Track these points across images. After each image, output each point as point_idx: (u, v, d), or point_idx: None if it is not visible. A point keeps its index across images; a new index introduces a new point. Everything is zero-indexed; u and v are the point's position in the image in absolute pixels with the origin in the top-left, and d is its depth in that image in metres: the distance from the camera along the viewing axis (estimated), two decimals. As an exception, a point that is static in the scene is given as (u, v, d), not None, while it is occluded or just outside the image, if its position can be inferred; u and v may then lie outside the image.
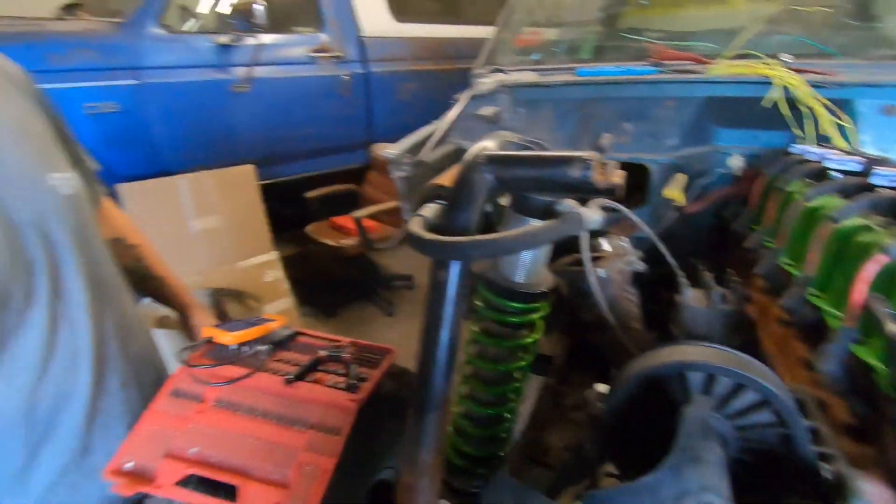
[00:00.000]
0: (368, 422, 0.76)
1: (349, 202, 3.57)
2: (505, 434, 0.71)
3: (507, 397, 0.66)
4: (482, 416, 0.67)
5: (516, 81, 1.21)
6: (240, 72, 2.32)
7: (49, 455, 0.71)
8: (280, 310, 2.22)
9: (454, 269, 0.45)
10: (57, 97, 0.79)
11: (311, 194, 2.82)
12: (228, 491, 0.67)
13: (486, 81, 1.19)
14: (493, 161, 0.44)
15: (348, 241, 2.56)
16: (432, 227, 0.44)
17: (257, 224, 2.30)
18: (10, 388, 0.65)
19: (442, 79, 3.15)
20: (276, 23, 2.30)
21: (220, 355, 0.83)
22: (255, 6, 2.06)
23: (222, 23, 2.28)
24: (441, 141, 1.04)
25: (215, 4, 2.30)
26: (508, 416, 0.69)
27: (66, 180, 0.69)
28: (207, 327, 0.86)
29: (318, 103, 2.63)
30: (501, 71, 1.26)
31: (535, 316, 0.60)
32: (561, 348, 1.08)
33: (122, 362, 0.78)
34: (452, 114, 1.12)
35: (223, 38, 2.24)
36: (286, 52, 2.48)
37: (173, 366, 0.95)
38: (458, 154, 1.10)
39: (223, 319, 1.82)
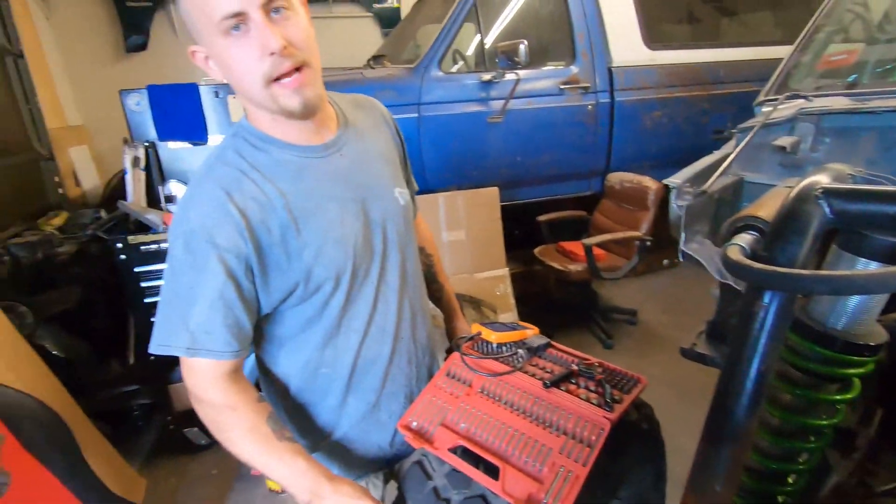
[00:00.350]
0: (613, 444, 0.77)
1: (578, 228, 3.60)
2: (782, 498, 0.63)
3: (794, 456, 0.59)
4: (760, 468, 0.61)
5: (824, 108, 1.05)
6: (496, 104, 2.58)
7: (354, 402, 0.91)
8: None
9: (776, 302, 0.43)
10: None
11: (542, 218, 2.94)
12: (488, 468, 0.77)
13: (783, 108, 1.07)
14: (832, 193, 0.42)
15: (575, 267, 2.58)
16: (751, 256, 0.44)
17: (495, 241, 2.51)
18: (347, 344, 0.86)
19: (694, 105, 2.95)
20: (533, 59, 2.48)
21: (485, 350, 0.95)
22: (520, 46, 2.27)
23: (488, 61, 2.58)
24: (724, 172, 0.98)
25: (482, 47, 2.62)
26: (792, 479, 0.61)
27: (403, 194, 0.90)
28: (476, 324, 0.99)
29: (561, 132, 2.74)
30: (801, 97, 1.12)
31: (852, 371, 0.52)
32: (871, 419, 0.89)
33: (410, 344, 0.95)
34: (729, 145, 1.02)
35: (486, 76, 2.53)
36: (538, 84, 2.66)
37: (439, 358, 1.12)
38: (740, 186, 1.02)
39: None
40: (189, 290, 0.71)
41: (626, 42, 2.80)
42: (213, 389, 0.75)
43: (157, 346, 0.73)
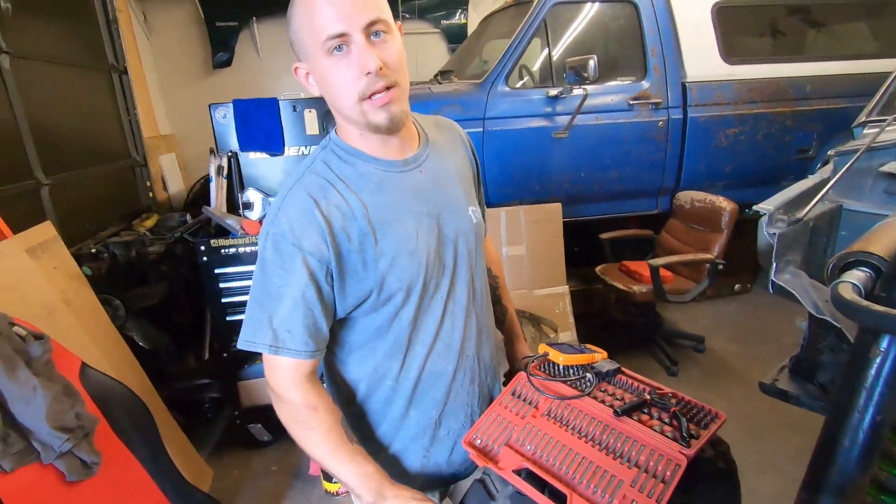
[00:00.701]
0: (686, 481, 0.73)
1: (642, 247, 3.47)
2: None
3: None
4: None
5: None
6: (562, 120, 2.56)
7: (415, 415, 0.92)
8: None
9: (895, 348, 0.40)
10: None
11: (605, 235, 2.86)
12: (554, 494, 0.75)
13: (890, 131, 0.99)
14: (965, 233, 0.38)
15: (639, 288, 2.49)
16: (866, 296, 0.41)
17: (556, 258, 2.47)
18: (413, 356, 0.87)
19: (776, 122, 2.78)
20: (602, 73, 2.44)
21: (552, 371, 0.94)
22: (590, 62, 2.25)
23: (555, 76, 2.56)
24: (821, 199, 0.91)
25: (549, 62, 2.61)
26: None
27: (476, 212, 0.93)
28: (543, 344, 0.98)
29: (630, 148, 2.67)
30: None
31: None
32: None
33: (474, 362, 0.95)
34: (826, 170, 0.95)
35: (553, 91, 2.52)
36: (606, 100, 2.61)
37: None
38: (838, 214, 0.95)
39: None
40: (277, 289, 0.75)
41: (701, 56, 2.69)
42: (293, 388, 0.79)
43: (243, 342, 0.78)
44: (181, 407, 2.17)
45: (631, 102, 2.63)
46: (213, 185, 2.14)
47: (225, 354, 1.99)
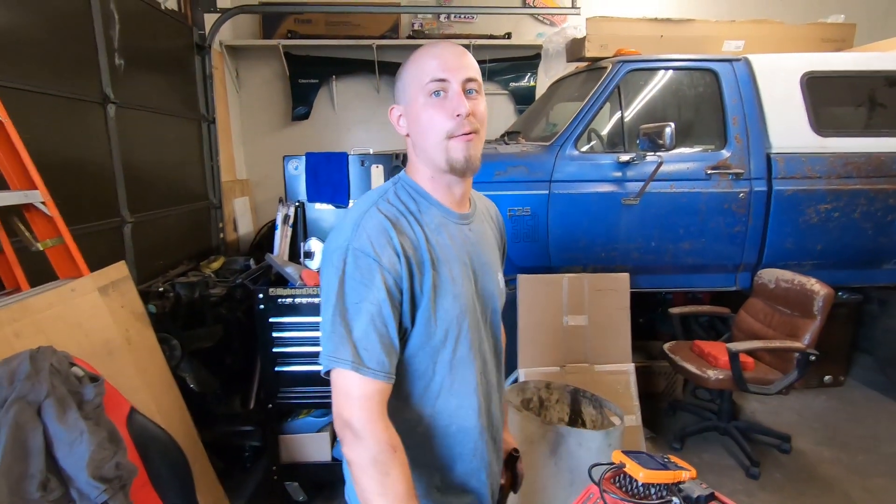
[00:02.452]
0: None
1: (714, 326, 3.20)
2: None
3: None
4: None
5: None
6: (632, 186, 2.45)
7: (441, 468, 0.90)
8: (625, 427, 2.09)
9: None
10: (494, 201, 1.08)
11: (675, 310, 2.65)
12: None
13: None
14: None
15: (715, 374, 2.24)
16: None
17: (621, 331, 2.29)
18: (445, 407, 0.87)
19: (878, 200, 2.53)
20: (678, 140, 2.34)
21: (629, 487, 0.80)
22: (666, 129, 2.16)
23: (627, 141, 2.49)
24: None
25: (621, 126, 2.54)
26: None
27: (502, 280, 1.00)
28: (619, 452, 0.84)
29: (705, 220, 2.50)
30: None
31: None
32: None
33: (497, 422, 0.97)
34: None
35: (625, 157, 2.43)
36: (681, 167, 2.49)
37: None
38: None
39: (577, 419, 1.81)
40: (355, 304, 0.76)
41: (789, 127, 2.53)
42: (377, 422, 0.75)
43: (327, 359, 0.76)
44: (220, 451, 2.14)
45: (709, 171, 2.49)
46: (278, 233, 2.19)
47: (270, 406, 1.95)
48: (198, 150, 3.27)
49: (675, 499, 0.76)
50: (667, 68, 2.60)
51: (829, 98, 2.63)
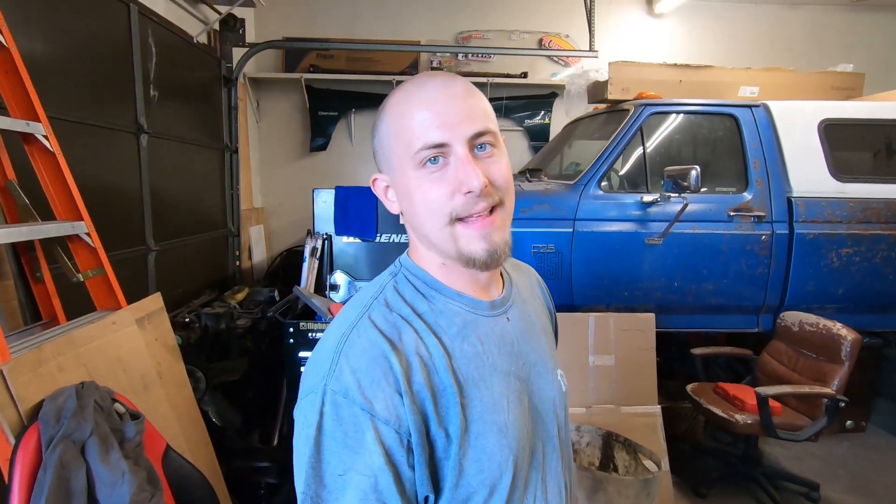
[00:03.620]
0: None
1: (732, 367, 3.17)
2: None
3: None
4: None
5: None
6: (656, 226, 2.47)
7: None
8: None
9: None
10: (516, 238, 0.96)
11: (697, 351, 2.63)
12: None
13: None
14: None
15: (743, 418, 2.21)
16: None
17: (647, 372, 2.27)
18: None
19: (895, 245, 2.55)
20: (702, 183, 2.37)
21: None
22: (692, 172, 2.19)
23: (650, 182, 2.52)
24: None
25: (644, 167, 2.58)
26: None
27: (563, 377, 0.74)
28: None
29: (727, 261, 2.52)
30: None
31: None
32: None
33: None
34: None
35: (649, 198, 2.46)
36: (704, 208, 2.51)
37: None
38: None
39: (609, 463, 1.77)
40: (336, 479, 0.51)
41: (809, 171, 2.57)
42: None
43: None
44: (235, 487, 2.07)
45: (731, 213, 2.52)
46: (305, 265, 2.19)
47: (294, 443, 1.90)
48: (219, 178, 3.30)
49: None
50: (688, 112, 2.66)
51: (845, 144, 2.68)
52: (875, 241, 2.55)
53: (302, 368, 1.87)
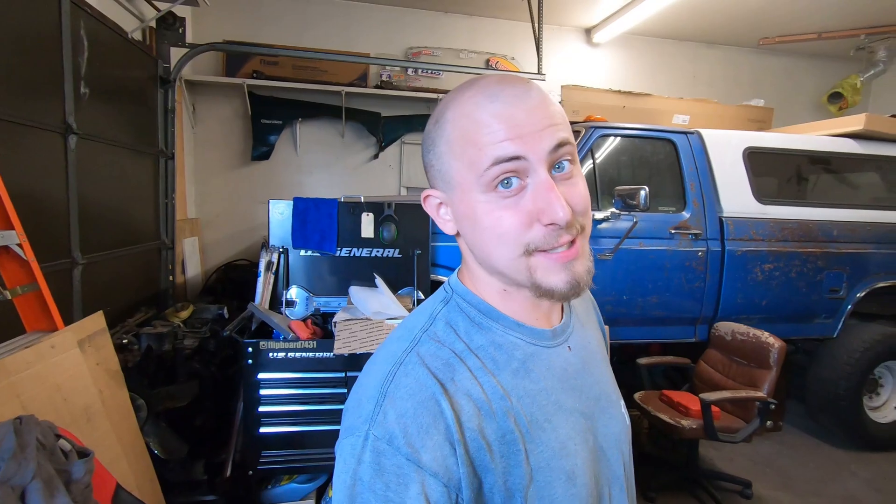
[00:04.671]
0: None
1: (669, 376, 3.38)
2: None
3: None
4: None
5: None
6: (606, 242, 2.59)
7: None
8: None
9: None
10: None
11: (643, 361, 2.77)
12: None
13: None
14: None
15: (688, 423, 2.35)
16: None
17: (603, 383, 2.35)
18: None
19: (809, 262, 2.86)
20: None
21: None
22: (641, 192, 2.33)
23: (601, 201, 2.65)
24: None
25: (595, 187, 2.70)
26: None
27: (626, 409, 0.68)
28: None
29: (670, 276, 2.69)
30: None
31: None
32: None
33: None
34: None
35: (600, 215, 2.58)
36: (649, 226, 2.68)
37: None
38: None
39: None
40: None
41: (736, 194, 2.83)
42: None
43: None
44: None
45: (672, 231, 2.70)
46: (260, 281, 2.06)
47: (251, 472, 1.76)
48: (153, 186, 3.05)
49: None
50: (632, 136, 2.84)
51: (765, 170, 2.99)
52: (790, 258, 2.85)
53: (262, 391, 1.75)
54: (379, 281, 2.11)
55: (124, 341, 1.86)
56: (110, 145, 2.48)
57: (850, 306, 2.98)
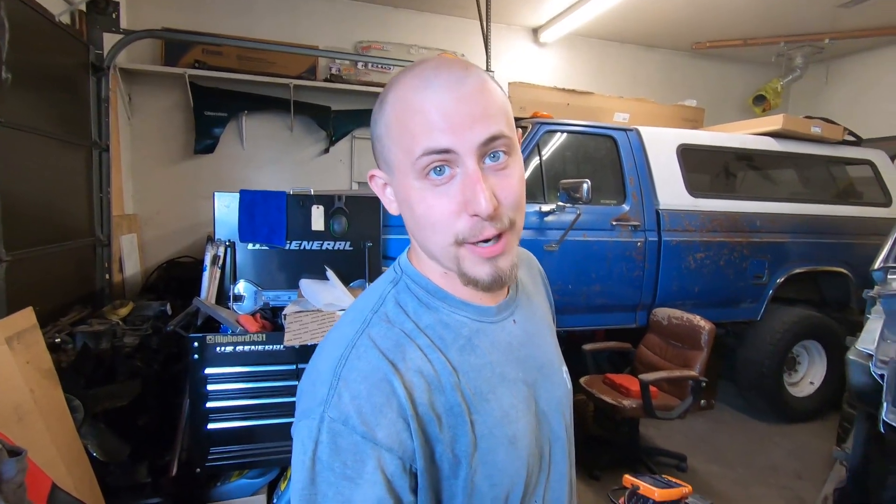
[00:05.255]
0: None
1: (613, 360, 3.55)
2: None
3: None
4: None
5: None
6: (552, 234, 2.70)
7: None
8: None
9: None
10: None
11: (588, 347, 2.91)
12: None
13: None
14: None
15: (629, 403, 2.49)
16: None
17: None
18: None
19: (735, 251, 3.09)
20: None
21: (647, 508, 0.88)
22: (584, 185, 2.44)
23: (547, 193, 2.75)
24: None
25: (542, 180, 2.80)
26: None
27: (568, 375, 0.72)
28: (628, 476, 0.93)
29: (612, 266, 2.84)
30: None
31: None
32: None
33: None
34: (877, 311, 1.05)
35: (546, 207, 2.68)
36: (592, 219, 2.81)
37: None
38: None
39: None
40: None
41: (671, 188, 3.01)
42: None
43: None
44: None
45: (613, 223, 2.84)
46: (206, 275, 2.01)
47: (199, 470, 1.73)
48: (86, 180, 2.88)
49: (686, 512, 0.86)
50: (576, 132, 2.96)
51: (697, 166, 3.20)
52: (720, 247, 3.07)
53: (210, 386, 1.71)
54: (330, 273, 2.11)
55: (57, 340, 1.77)
56: (38, 135, 2.33)
57: (771, 291, 3.24)
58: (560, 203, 2.65)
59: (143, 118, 3.82)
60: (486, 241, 0.53)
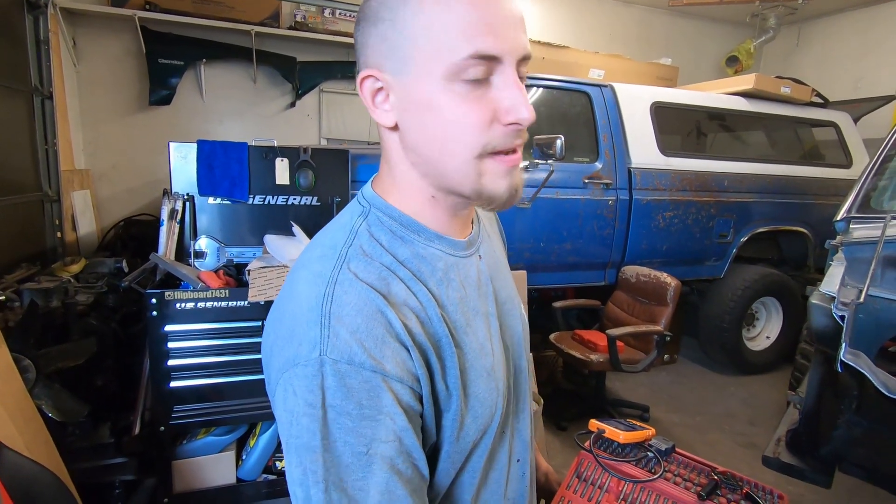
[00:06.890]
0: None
1: (581, 317, 3.62)
2: None
3: None
4: None
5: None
6: (526, 191, 2.67)
7: None
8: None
9: None
10: None
11: (558, 304, 2.95)
12: None
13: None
14: None
15: (597, 357, 2.55)
16: None
17: (521, 325, 2.47)
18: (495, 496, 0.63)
19: (703, 209, 3.14)
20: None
21: (612, 450, 0.89)
22: (557, 141, 2.40)
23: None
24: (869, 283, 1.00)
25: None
26: None
27: (524, 309, 0.73)
28: (594, 420, 0.93)
29: (584, 224, 2.84)
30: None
31: None
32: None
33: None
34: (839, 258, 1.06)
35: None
36: (564, 177, 2.79)
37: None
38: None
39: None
40: (362, 455, 0.45)
41: (643, 146, 3.01)
42: None
43: None
44: (84, 489, 1.78)
45: (585, 181, 2.83)
46: (163, 230, 1.91)
47: (162, 428, 1.69)
48: (28, 130, 2.67)
49: (649, 453, 0.88)
50: (550, 87, 2.89)
51: (669, 125, 3.19)
52: (688, 206, 3.11)
53: (171, 344, 1.65)
54: (296, 229, 2.03)
55: (2, 298, 1.66)
56: (-33, 77, 2.13)
57: (735, 250, 3.33)
58: (534, 160, 2.61)
59: (90, 65, 3.54)
60: (511, 154, 0.51)
